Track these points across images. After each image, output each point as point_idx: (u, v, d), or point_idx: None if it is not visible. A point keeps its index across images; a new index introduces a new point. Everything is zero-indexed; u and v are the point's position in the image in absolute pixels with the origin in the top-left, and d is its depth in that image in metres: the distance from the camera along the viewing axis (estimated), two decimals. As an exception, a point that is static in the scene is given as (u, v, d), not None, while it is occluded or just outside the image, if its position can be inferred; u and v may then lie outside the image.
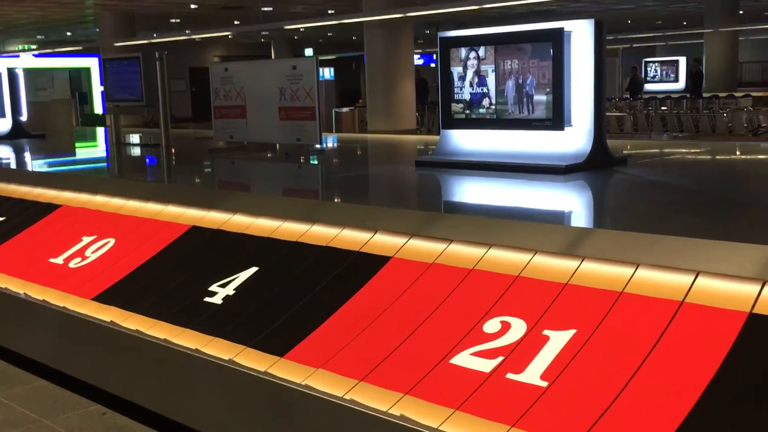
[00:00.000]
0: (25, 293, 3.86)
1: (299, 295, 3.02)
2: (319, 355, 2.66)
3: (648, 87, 24.47)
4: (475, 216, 3.20)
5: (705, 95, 18.69)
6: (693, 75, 21.34)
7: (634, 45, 28.64)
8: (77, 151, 8.63)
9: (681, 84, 25.14)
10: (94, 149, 9.01)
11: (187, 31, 21.51)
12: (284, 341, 2.79)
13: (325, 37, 28.88)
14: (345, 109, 18.14)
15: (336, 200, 4.22)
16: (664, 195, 3.89)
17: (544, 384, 2.22)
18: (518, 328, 2.44)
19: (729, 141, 10.86)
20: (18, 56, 23.68)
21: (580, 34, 4.33)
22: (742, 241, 2.38)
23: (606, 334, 2.29)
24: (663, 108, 16.55)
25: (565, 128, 4.36)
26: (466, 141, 4.87)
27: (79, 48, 22.98)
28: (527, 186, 4.24)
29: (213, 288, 3.28)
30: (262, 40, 29.07)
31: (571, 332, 2.35)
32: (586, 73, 4.34)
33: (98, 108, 21.09)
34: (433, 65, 27.43)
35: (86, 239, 4.18)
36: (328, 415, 2.46)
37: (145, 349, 3.16)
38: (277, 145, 6.34)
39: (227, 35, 24.91)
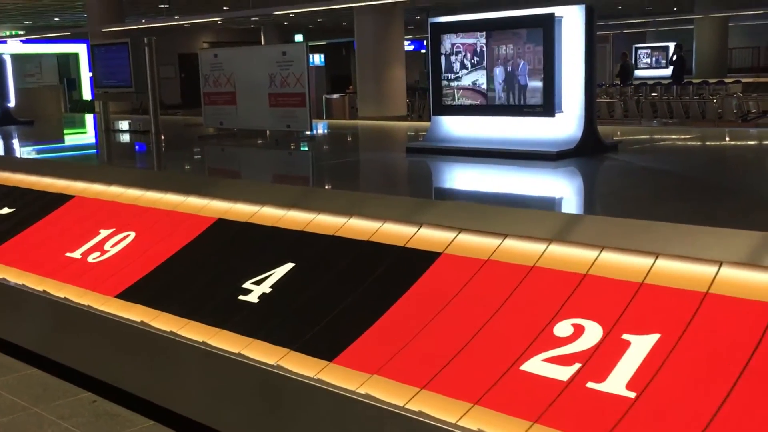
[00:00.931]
0: (44, 290, 3.69)
1: (343, 293, 2.83)
2: (373, 360, 2.47)
3: (638, 73, 24.48)
4: (532, 209, 3.00)
5: (695, 81, 18.71)
6: (675, 61, 21.34)
7: (625, 31, 28.62)
8: (67, 138, 8.58)
9: (671, 70, 25.16)
10: (83, 136, 8.95)
11: (176, 17, 21.37)
12: (332, 344, 2.60)
13: (315, 23, 28.74)
14: (335, 96, 18.07)
15: (375, 192, 3.88)
16: (656, 181, 3.90)
17: (632, 395, 2.02)
18: (593, 331, 2.26)
19: (719, 127, 10.88)
20: (5, 42, 23.47)
21: (571, 20, 4.32)
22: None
23: (694, 339, 2.11)
24: (653, 94, 16.55)
25: (556, 114, 4.36)
26: (456, 127, 4.86)
27: (67, 33, 22.80)
28: (522, 172, 4.23)
29: (247, 285, 3.09)
30: (252, 25, 28.90)
31: (655, 337, 2.15)
32: (576, 59, 4.34)
33: (87, 94, 20.95)
34: (423, 51, 27.36)
35: (104, 232, 4.00)
36: (393, 426, 2.27)
37: (180, 348, 2.97)
38: (268, 131, 6.32)
39: (216, 21, 24.76)
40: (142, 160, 6.17)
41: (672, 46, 25.33)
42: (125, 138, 7.87)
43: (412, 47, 27.65)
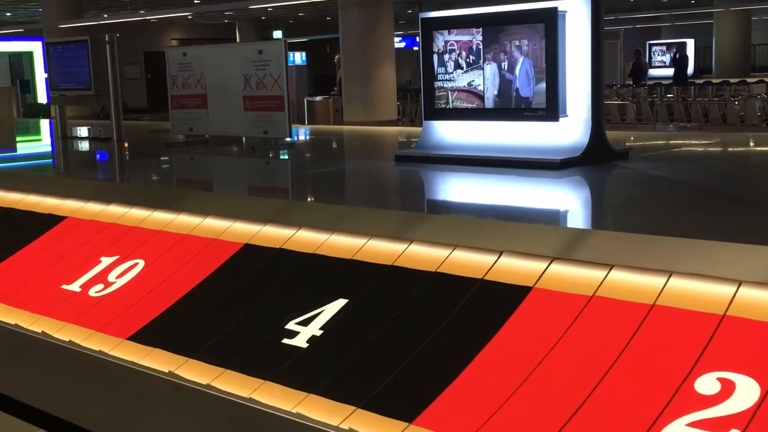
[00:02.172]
0: (42, 331, 3.41)
1: (413, 337, 2.60)
2: (466, 420, 2.23)
3: (653, 72, 24.67)
4: (640, 235, 2.68)
5: (715, 81, 18.86)
6: (677, 61, 21.59)
7: (638, 26, 28.84)
8: (19, 146, 8.57)
9: (689, 69, 25.36)
10: (38, 144, 8.93)
11: (141, 11, 21.41)
12: (410, 401, 2.36)
13: (296, 18, 28.85)
14: (318, 98, 18.13)
15: (440, 214, 3.69)
16: (670, 191, 3.92)
17: None
18: (747, 388, 2.03)
19: (741, 132, 10.96)
20: (-49, 40, 23.45)
21: (576, 14, 4.36)
22: None
23: None
24: (669, 95, 16.69)
25: (560, 119, 4.39)
26: (451, 133, 4.89)
27: (20, 30, 22.80)
28: (524, 182, 4.25)
29: (292, 326, 2.85)
30: (226, 21, 28.98)
31: None
32: (582, 58, 4.37)
33: (42, 97, 20.95)
34: (416, 49, 27.49)
35: (106, 260, 3.77)
36: None
37: (220, 405, 2.69)
38: (243, 138, 6.33)
39: (187, 16, 24.82)
40: (104, 171, 6.16)
41: (690, 42, 25.60)
42: (84, 146, 7.86)
43: (403, 44, 27.77)
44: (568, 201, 3.96)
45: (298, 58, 23.28)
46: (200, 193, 4.48)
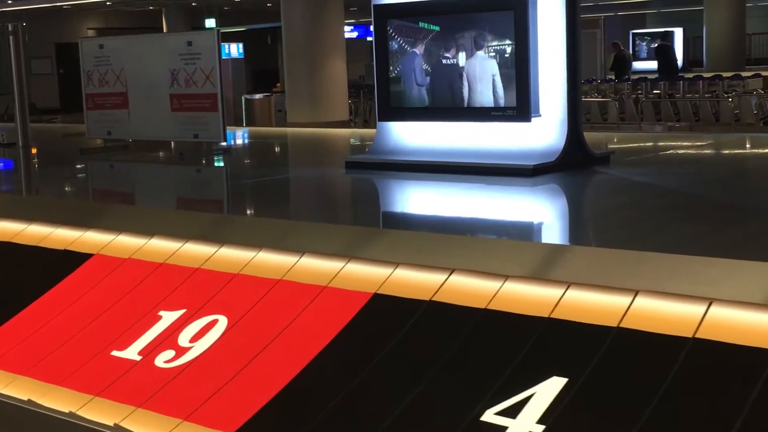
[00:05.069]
0: (115, 424, 2.76)
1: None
2: None
3: (637, 65, 24.94)
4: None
5: (706, 75, 19.14)
6: (657, 49, 21.99)
7: (619, 13, 29.20)
8: None
9: (677, 62, 25.70)
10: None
11: (52, -3, 21.20)
12: None
13: (232, 4, 28.77)
14: (258, 96, 18.07)
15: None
16: (656, 200, 3.96)
17: None
18: None
19: (736, 132, 11.15)
20: None
21: (549, 1, 4.40)
22: None
23: None
24: (655, 91, 16.87)
25: (532, 119, 4.42)
26: (409, 136, 4.89)
27: None
28: (490, 192, 4.27)
29: (490, 417, 2.31)
30: (151, 8, 28.80)
31: None
32: (556, 49, 4.41)
33: (-64, 96, 20.59)
34: (370, 39, 27.55)
35: (168, 316, 3.17)
36: None
37: None
38: (172, 143, 6.29)
39: (105, 2, 24.63)
40: (7, 182, 6.07)
41: (679, 32, 25.96)
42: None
43: (355, 34, 27.81)
44: (544, 213, 3.98)
45: (234, 50, 23.18)
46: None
